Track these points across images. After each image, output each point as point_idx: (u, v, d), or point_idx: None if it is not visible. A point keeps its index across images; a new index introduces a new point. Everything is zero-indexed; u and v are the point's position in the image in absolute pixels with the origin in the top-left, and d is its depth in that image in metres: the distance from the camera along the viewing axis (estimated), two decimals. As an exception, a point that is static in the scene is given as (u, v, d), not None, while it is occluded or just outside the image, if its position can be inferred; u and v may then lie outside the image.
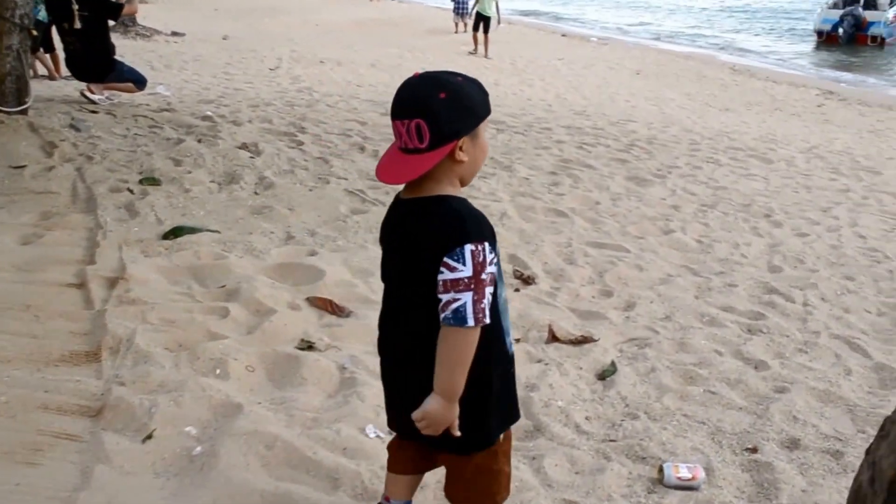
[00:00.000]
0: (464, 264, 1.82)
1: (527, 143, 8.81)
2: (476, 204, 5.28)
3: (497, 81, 14.79)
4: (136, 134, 7.62)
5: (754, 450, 3.38)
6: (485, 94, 1.95)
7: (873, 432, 3.64)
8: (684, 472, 3.07)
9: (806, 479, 3.21)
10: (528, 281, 4.79)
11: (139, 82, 8.97)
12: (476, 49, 19.55)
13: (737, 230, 6.48)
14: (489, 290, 1.87)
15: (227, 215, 5.44)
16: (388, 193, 6.07)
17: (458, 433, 1.98)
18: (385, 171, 1.93)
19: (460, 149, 1.89)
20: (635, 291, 4.88)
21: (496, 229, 1.87)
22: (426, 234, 1.89)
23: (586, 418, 3.42)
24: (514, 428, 2.33)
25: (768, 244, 6.23)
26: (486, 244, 1.87)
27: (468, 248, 1.82)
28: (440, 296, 1.86)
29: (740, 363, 4.10)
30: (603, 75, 18.21)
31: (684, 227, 6.32)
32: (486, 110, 1.95)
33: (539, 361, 3.86)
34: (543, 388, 3.58)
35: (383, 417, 2.42)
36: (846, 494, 3.17)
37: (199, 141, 7.48)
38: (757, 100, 16.46)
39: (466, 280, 1.82)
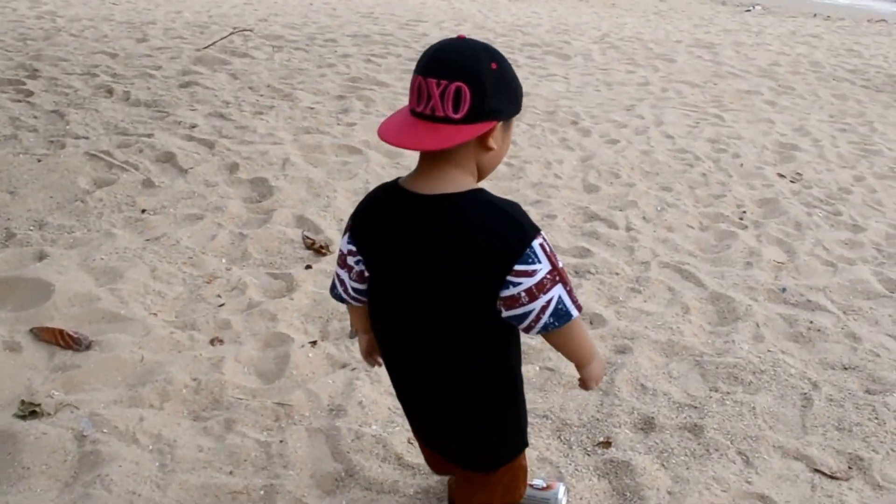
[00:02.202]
0: (540, 262, 1.62)
1: (310, 60, 7.84)
2: (253, 149, 4.22)
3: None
4: None
5: (607, 443, 2.88)
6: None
7: (726, 389, 3.27)
8: (538, 482, 2.54)
9: (669, 472, 2.76)
10: (321, 250, 4.04)
11: None
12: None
13: (546, 145, 5.96)
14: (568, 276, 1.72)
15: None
16: (141, 152, 5.07)
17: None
18: (404, 135, 1.58)
19: (491, 133, 1.62)
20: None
21: (278, 181, 1.27)
22: (479, 244, 1.61)
23: (409, 442, 2.78)
24: (319, 478, 2.32)
25: (580, 158, 5.76)
26: (541, 231, 1.66)
27: (536, 243, 1.62)
28: (527, 308, 1.64)
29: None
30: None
31: (491, 149, 5.72)
32: (521, 102, 1.70)
33: (344, 367, 3.17)
34: (352, 408, 2.90)
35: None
36: (715, 488, 2.80)
37: None
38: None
39: (549, 275, 1.63)
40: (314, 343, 3.26)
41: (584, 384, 1.95)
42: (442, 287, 1.68)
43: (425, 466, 2.64)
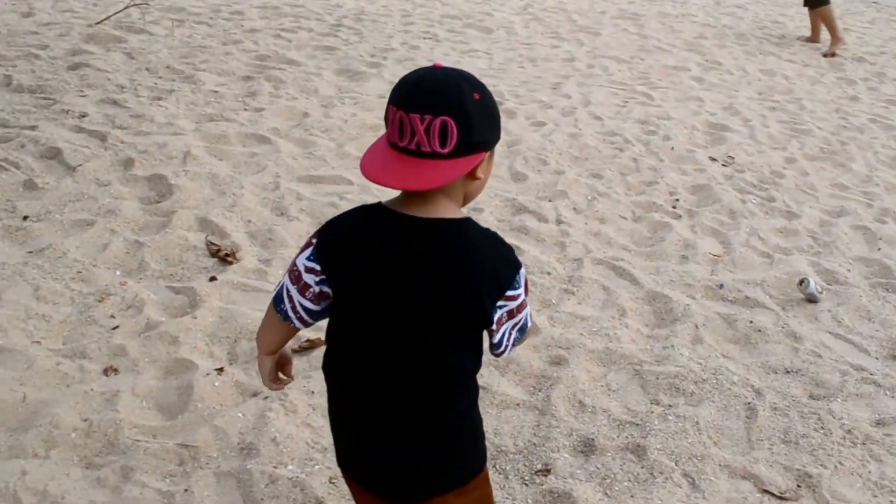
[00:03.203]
0: (521, 287, 1.67)
1: (213, 36, 7.33)
2: (150, 142, 3.76)
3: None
4: None
5: (546, 471, 2.67)
6: None
7: (668, 401, 3.07)
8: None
9: (613, 502, 2.54)
10: (227, 258, 3.70)
11: None
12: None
13: (471, 130, 5.67)
14: None
15: None
16: (23, 147, 4.56)
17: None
18: (393, 174, 1.53)
19: (480, 164, 1.59)
20: (369, 243, 3.95)
21: (178, 178, 1.01)
22: (478, 270, 1.59)
23: (330, 482, 2.50)
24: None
25: (506, 143, 5.50)
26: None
27: (522, 273, 1.66)
28: (504, 326, 1.68)
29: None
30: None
31: (413, 135, 5.42)
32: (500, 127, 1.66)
33: (255, 396, 2.87)
34: (265, 446, 2.61)
35: None
36: (663, 519, 2.59)
37: None
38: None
39: (522, 300, 1.70)
40: (220, 370, 2.94)
41: None
42: (432, 306, 1.61)
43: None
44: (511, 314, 1.68)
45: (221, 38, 7.26)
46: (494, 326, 1.67)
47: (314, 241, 1.67)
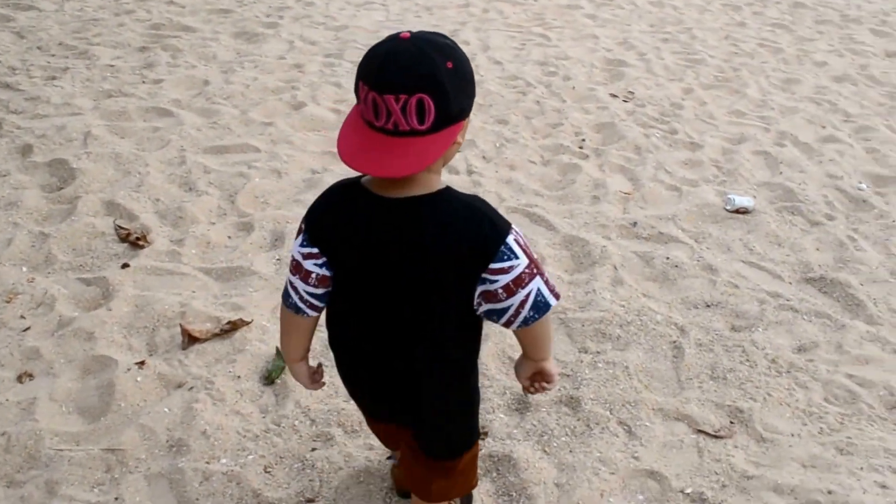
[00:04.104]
0: (517, 257, 1.57)
1: (105, 8, 6.95)
2: (48, 125, 3.49)
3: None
4: None
5: (484, 433, 2.67)
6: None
7: (596, 348, 3.08)
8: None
9: (553, 459, 2.58)
10: (139, 242, 3.54)
11: None
12: None
13: (372, 85, 5.55)
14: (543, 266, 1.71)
15: None
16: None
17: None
18: (372, 159, 1.47)
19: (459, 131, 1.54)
20: (280, 213, 3.84)
21: (80, 161, 0.95)
22: (454, 246, 1.56)
23: (266, 471, 2.44)
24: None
25: (409, 96, 5.39)
26: (512, 225, 1.63)
27: (510, 240, 1.57)
28: (506, 303, 1.61)
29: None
30: None
31: (315, 95, 5.28)
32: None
33: (180, 387, 2.76)
34: (195, 441, 2.53)
35: None
36: (603, 471, 2.62)
37: None
38: None
39: (528, 269, 1.60)
40: (142, 363, 2.82)
41: (549, 378, 1.88)
42: (418, 288, 1.62)
43: (289, 499, 2.33)
44: (510, 290, 1.60)
45: (113, 9, 6.89)
46: (489, 299, 1.62)
47: (303, 226, 1.67)
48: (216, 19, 6.79)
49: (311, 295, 1.71)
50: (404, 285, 1.62)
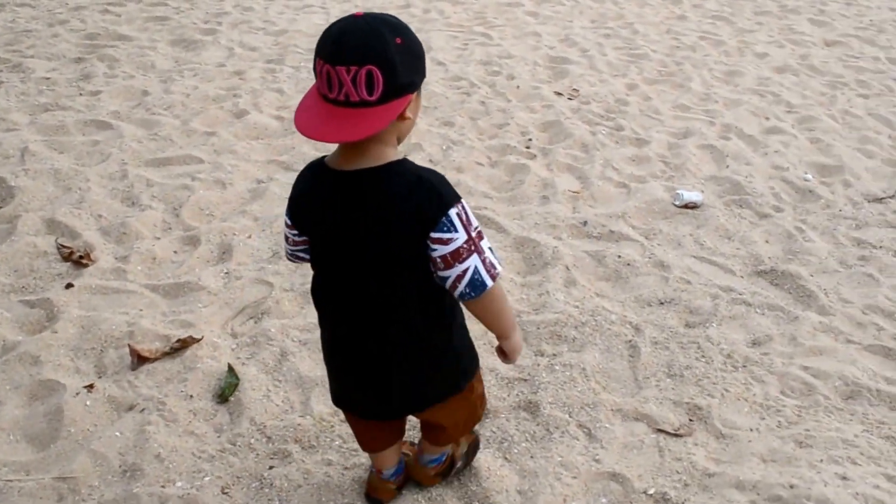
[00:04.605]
0: (456, 231, 1.67)
1: (38, 18, 6.75)
2: None
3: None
4: None
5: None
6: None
7: (552, 351, 3.06)
8: None
9: (514, 466, 2.58)
10: (82, 261, 3.43)
11: None
12: None
13: (315, 90, 5.47)
14: (485, 242, 1.74)
15: None
16: None
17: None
18: (325, 128, 1.58)
19: (408, 105, 1.65)
20: (226, 225, 3.76)
21: (18, 178, 1.02)
22: (397, 215, 1.66)
23: (224, 492, 2.38)
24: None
25: (354, 100, 5.33)
26: (462, 201, 1.71)
27: (453, 212, 1.66)
28: (442, 273, 1.72)
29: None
30: None
31: (257, 102, 5.19)
32: (425, 64, 1.71)
33: (131, 409, 2.68)
34: (149, 464, 2.45)
35: None
36: (565, 476, 2.59)
37: None
38: None
39: (465, 244, 1.69)
40: (90, 387, 2.73)
41: (505, 358, 2.01)
42: (376, 258, 1.72)
43: (247, 526, 2.27)
44: (447, 262, 1.70)
45: (46, 20, 6.70)
46: (437, 270, 1.72)
47: (289, 200, 1.84)
48: (153, 27, 6.65)
49: (297, 251, 1.93)
50: (365, 255, 1.73)
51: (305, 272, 3.41)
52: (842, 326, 3.33)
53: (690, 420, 2.77)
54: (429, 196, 1.67)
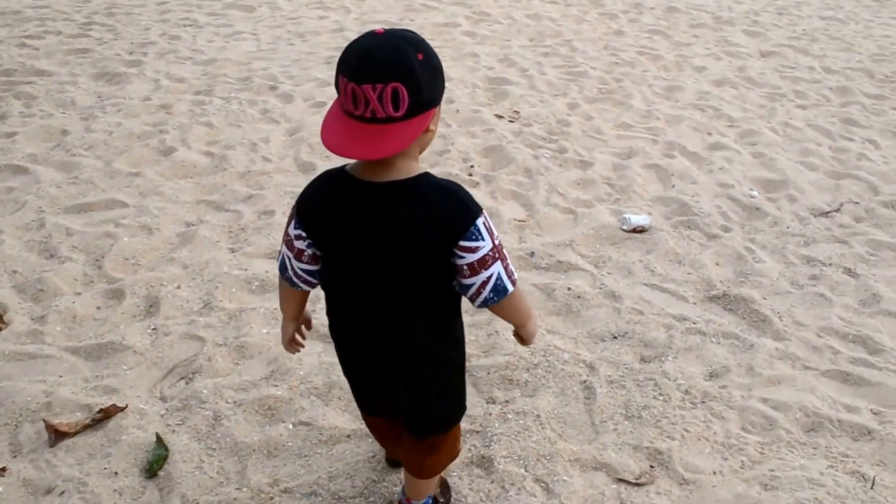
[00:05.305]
0: (483, 239, 1.72)
1: None
2: None
3: None
4: None
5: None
6: None
7: (504, 397, 2.91)
8: None
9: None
10: (-7, 326, 3.19)
11: None
12: None
13: (247, 122, 5.28)
14: (505, 250, 1.79)
15: None
16: None
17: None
18: (353, 144, 1.59)
19: (432, 119, 1.69)
20: (153, 275, 3.53)
21: None
22: (427, 226, 1.70)
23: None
24: None
25: (288, 131, 5.16)
26: (484, 211, 1.75)
27: (479, 222, 1.72)
28: (468, 280, 1.76)
29: (327, 359, 3.05)
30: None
31: (185, 138, 4.96)
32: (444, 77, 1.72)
33: (49, 493, 2.44)
34: (66, 561, 2.23)
35: None
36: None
37: None
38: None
39: (491, 252, 1.74)
40: (3, 470, 2.50)
41: (522, 341, 2.05)
42: (397, 267, 1.74)
43: None
44: (474, 269, 1.73)
45: (-44, 56, 6.39)
46: (461, 278, 1.75)
47: (294, 211, 1.81)
48: (74, 60, 6.38)
49: (305, 272, 1.87)
50: (385, 263, 1.74)
51: (239, 324, 3.21)
52: (798, 352, 3.23)
53: (651, 466, 2.63)
54: (458, 207, 1.71)
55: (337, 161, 1.73)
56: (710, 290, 3.63)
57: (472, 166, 4.77)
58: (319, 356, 3.06)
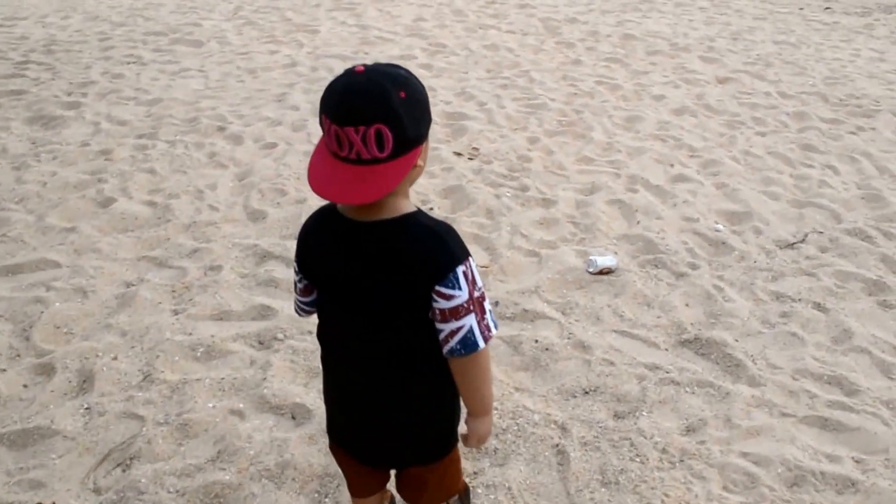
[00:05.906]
0: (459, 289, 1.67)
1: None
2: None
3: None
4: None
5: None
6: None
7: (472, 468, 2.70)
8: None
9: None
10: None
11: None
12: None
13: (193, 167, 5.05)
14: (487, 303, 1.74)
15: None
16: None
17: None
18: (340, 188, 1.59)
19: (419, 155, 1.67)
20: (87, 345, 3.27)
21: None
22: (408, 267, 1.68)
23: None
24: None
25: (236, 176, 4.93)
26: (470, 258, 1.72)
27: (460, 270, 1.67)
28: (439, 325, 1.71)
29: (279, 434, 2.82)
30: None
31: (125, 187, 4.71)
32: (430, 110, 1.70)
33: None
34: None
35: None
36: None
37: None
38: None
39: (465, 304, 1.68)
40: None
41: (466, 439, 1.96)
42: (383, 305, 1.72)
43: None
44: (445, 316, 1.68)
45: None
46: (435, 321, 1.70)
47: (297, 245, 1.83)
48: (6, 103, 6.10)
49: (301, 302, 1.91)
50: (373, 304, 1.72)
51: (182, 398, 2.98)
52: (774, 398, 3.09)
53: (633, 543, 2.43)
54: (440, 251, 1.67)
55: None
56: (681, 335, 3.47)
57: (430, 208, 4.58)
58: (271, 431, 2.83)
